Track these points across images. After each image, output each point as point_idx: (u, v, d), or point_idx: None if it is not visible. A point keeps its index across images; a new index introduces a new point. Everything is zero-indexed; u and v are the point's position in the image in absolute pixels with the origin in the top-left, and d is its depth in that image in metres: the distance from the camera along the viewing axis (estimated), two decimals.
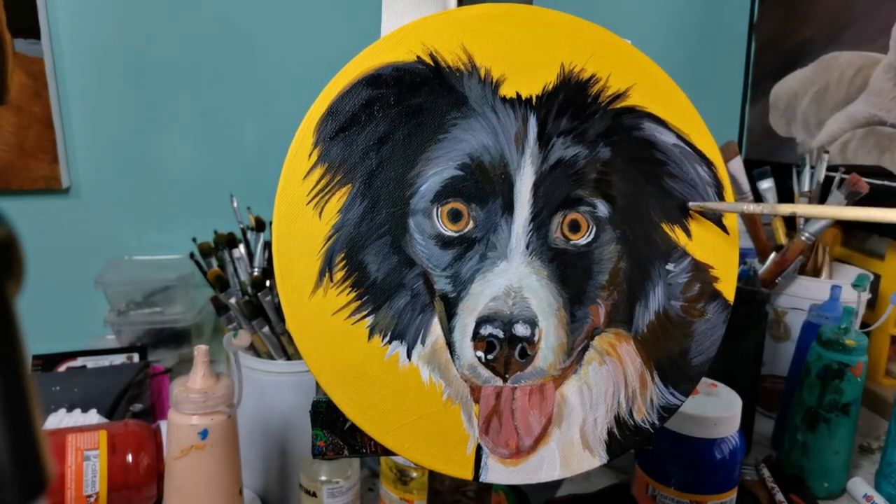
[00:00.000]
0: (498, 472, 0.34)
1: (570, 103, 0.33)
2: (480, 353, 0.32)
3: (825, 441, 0.65)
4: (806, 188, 0.85)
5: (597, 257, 0.34)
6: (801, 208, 0.28)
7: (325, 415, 0.36)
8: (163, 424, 0.60)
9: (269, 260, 0.68)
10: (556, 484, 0.66)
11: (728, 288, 0.35)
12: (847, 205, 0.75)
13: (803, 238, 0.78)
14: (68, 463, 0.55)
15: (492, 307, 0.32)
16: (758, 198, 0.87)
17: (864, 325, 0.69)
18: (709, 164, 0.34)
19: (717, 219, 0.35)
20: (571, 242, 0.33)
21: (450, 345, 0.33)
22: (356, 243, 0.33)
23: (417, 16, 0.35)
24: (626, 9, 1.12)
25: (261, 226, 0.70)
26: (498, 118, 0.33)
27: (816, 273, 0.86)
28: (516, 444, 0.33)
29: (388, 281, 0.33)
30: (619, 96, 0.34)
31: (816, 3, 0.98)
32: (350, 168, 0.32)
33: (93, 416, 0.66)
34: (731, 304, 0.35)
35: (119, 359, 0.80)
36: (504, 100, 0.33)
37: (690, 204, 0.34)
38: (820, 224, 0.78)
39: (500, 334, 0.32)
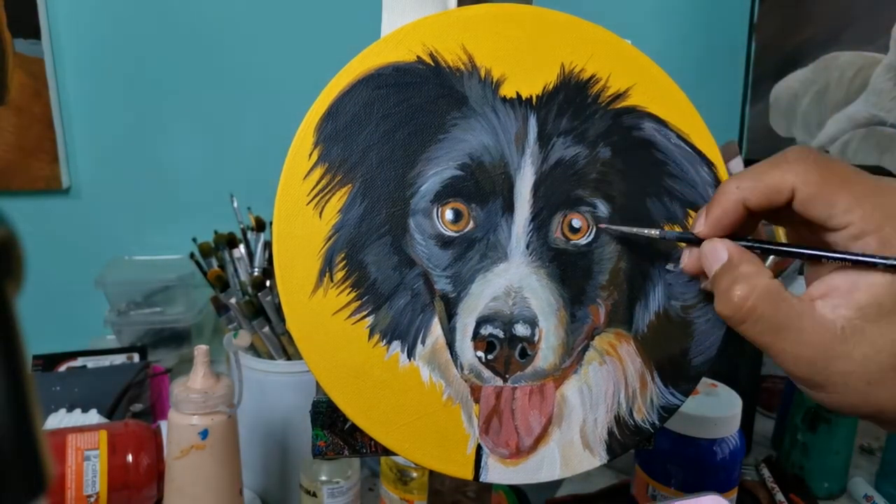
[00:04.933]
0: (498, 472, 0.34)
1: (570, 103, 0.33)
2: (481, 353, 0.32)
3: (825, 441, 0.65)
4: None
5: (597, 257, 0.34)
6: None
7: (325, 415, 0.36)
8: (163, 424, 0.60)
9: (269, 260, 0.68)
10: (556, 484, 0.66)
11: None
12: None
13: None
14: (68, 463, 0.55)
15: (492, 307, 0.32)
16: None
17: None
18: (709, 164, 0.34)
19: None
20: (571, 242, 0.33)
21: (450, 345, 0.33)
22: (356, 243, 0.33)
23: (418, 16, 0.35)
24: (626, 9, 1.12)
25: (261, 226, 0.70)
26: (498, 118, 0.33)
27: None
28: (516, 444, 0.33)
29: (388, 281, 0.33)
30: (619, 96, 0.34)
31: (816, 3, 0.98)
32: (350, 168, 0.32)
33: (93, 416, 0.66)
34: None
35: (119, 359, 0.80)
36: (504, 100, 0.33)
37: (601, 226, 0.33)
38: None
39: (501, 334, 0.32)
